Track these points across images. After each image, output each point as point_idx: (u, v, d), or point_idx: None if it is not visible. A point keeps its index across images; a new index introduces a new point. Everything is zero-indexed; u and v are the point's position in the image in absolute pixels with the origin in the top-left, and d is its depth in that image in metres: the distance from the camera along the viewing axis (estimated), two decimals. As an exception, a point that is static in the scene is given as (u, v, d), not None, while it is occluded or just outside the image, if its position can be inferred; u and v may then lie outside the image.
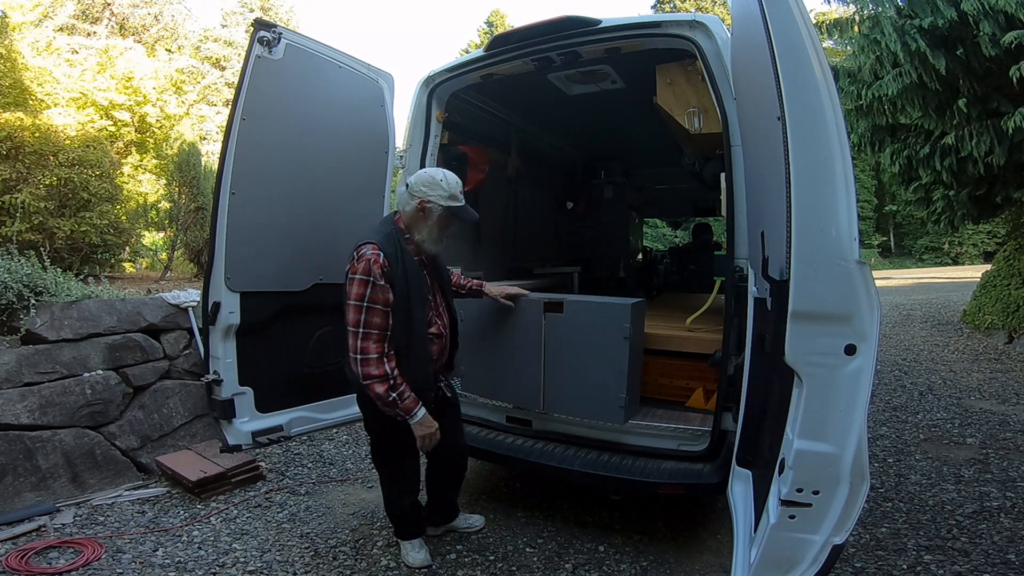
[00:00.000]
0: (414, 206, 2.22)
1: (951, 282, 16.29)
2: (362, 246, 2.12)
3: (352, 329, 2.07)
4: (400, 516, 2.50)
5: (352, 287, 2.07)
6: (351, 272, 2.09)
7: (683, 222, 9.14)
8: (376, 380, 2.07)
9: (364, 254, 2.08)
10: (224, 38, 23.32)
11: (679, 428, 2.55)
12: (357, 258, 2.09)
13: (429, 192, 2.21)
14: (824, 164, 1.34)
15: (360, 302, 2.05)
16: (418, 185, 2.23)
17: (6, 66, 7.78)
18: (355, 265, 2.08)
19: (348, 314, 2.07)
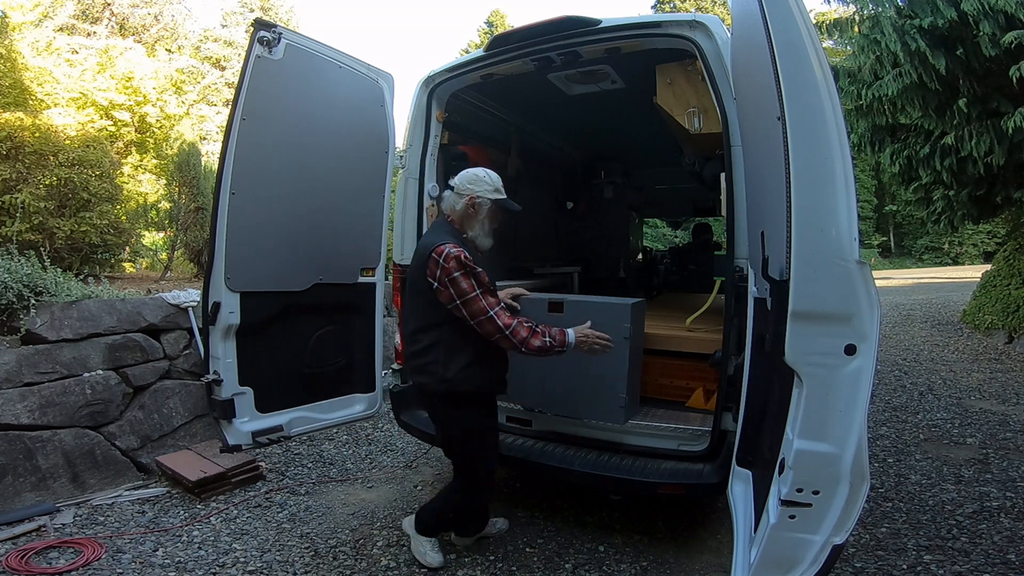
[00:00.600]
0: (464, 203, 2.33)
1: (951, 282, 16.29)
2: (440, 247, 2.16)
3: (482, 317, 2.14)
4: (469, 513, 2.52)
5: (459, 284, 2.12)
6: (444, 274, 2.12)
7: (683, 222, 9.14)
8: (531, 339, 2.17)
9: (449, 253, 2.13)
10: (224, 38, 23.33)
11: (679, 428, 2.55)
12: (443, 259, 2.13)
13: (476, 188, 2.33)
14: (824, 164, 1.34)
15: (473, 292, 2.14)
16: (464, 184, 2.34)
17: (6, 66, 7.78)
18: (446, 267, 2.12)
19: (471, 306, 2.13)
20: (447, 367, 2.23)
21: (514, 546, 2.64)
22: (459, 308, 2.15)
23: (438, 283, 2.14)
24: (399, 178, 3.25)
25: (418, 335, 2.29)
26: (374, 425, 4.40)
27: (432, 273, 2.15)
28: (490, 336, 2.17)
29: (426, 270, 2.16)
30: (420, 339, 2.28)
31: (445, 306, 2.18)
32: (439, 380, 2.23)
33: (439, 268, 2.13)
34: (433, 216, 3.29)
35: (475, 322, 2.15)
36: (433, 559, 2.48)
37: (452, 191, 2.37)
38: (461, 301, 2.14)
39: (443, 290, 2.15)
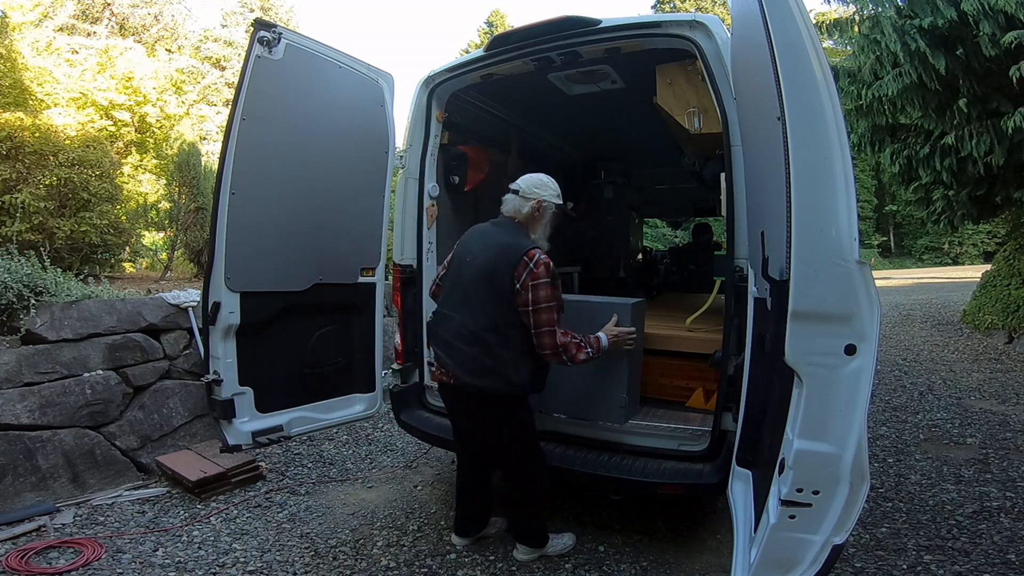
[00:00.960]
0: (531, 207, 2.38)
1: (951, 282, 16.29)
2: (532, 250, 2.20)
3: (546, 329, 2.19)
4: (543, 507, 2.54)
5: (540, 291, 2.16)
6: (531, 278, 2.16)
7: (683, 222, 9.13)
8: (580, 354, 2.24)
9: (540, 258, 2.18)
10: (224, 38, 23.33)
11: (679, 428, 2.54)
12: (534, 263, 2.17)
13: (542, 192, 2.39)
14: (824, 164, 1.34)
15: (551, 303, 2.19)
16: (531, 188, 2.39)
17: (6, 66, 7.77)
18: (535, 271, 2.16)
19: (541, 315, 2.17)
20: (517, 370, 2.24)
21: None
22: (528, 314, 2.17)
23: (521, 285, 2.16)
24: (399, 178, 3.25)
25: (485, 335, 2.23)
26: (374, 425, 4.40)
27: (517, 276, 2.16)
28: (543, 348, 2.22)
29: (514, 269, 2.17)
30: (488, 339, 2.22)
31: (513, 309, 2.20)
32: (509, 383, 2.23)
33: (527, 271, 2.16)
34: (434, 216, 3.29)
35: (537, 331, 2.19)
36: (568, 540, 2.58)
37: (516, 195, 2.40)
38: (534, 308, 2.16)
39: (523, 293, 2.17)
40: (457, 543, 2.65)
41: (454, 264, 2.45)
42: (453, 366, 2.30)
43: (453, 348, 2.30)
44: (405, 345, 3.18)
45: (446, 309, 2.39)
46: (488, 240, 2.36)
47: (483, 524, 2.69)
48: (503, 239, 2.32)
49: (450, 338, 2.32)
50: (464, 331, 2.27)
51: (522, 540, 2.52)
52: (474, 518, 2.67)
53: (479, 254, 2.32)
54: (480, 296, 2.27)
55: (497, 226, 2.43)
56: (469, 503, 2.66)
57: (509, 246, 2.26)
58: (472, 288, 2.30)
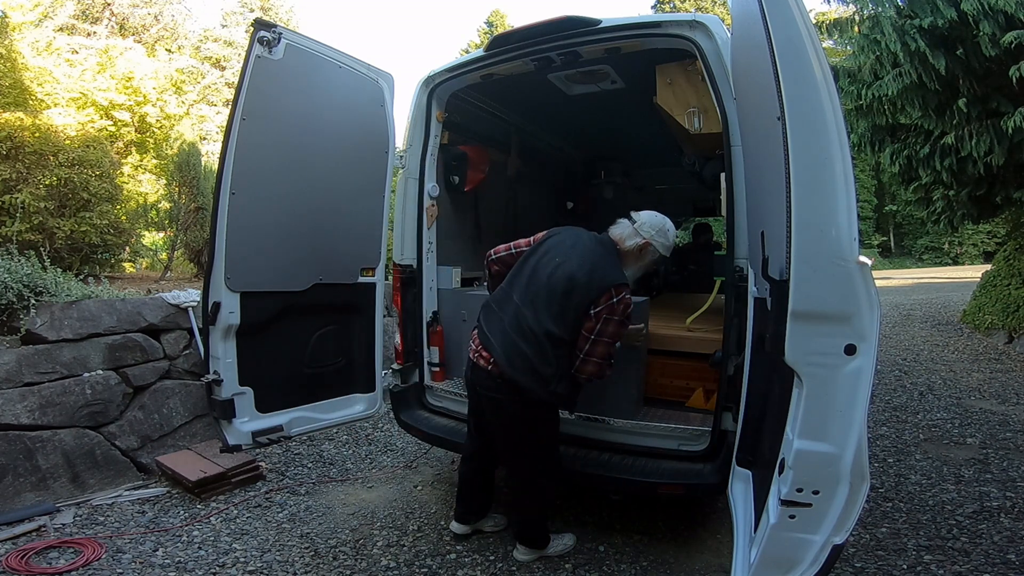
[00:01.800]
0: (638, 243, 2.36)
1: (951, 282, 16.28)
2: (621, 287, 2.18)
3: (597, 360, 2.22)
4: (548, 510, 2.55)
5: (610, 326, 2.18)
6: (609, 312, 2.16)
7: (683, 222, 9.13)
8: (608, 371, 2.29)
9: (626, 297, 2.18)
10: (224, 38, 23.32)
11: (679, 428, 2.55)
12: (618, 300, 2.16)
13: (657, 237, 2.37)
14: (824, 164, 1.34)
15: (613, 339, 2.21)
16: (649, 228, 2.37)
17: (6, 66, 7.78)
18: (615, 307, 2.16)
19: (599, 347, 2.20)
20: (559, 382, 2.24)
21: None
22: (588, 341, 2.19)
23: (596, 313, 2.16)
24: (399, 178, 3.25)
25: (543, 338, 2.21)
26: (374, 425, 4.40)
27: (597, 303, 2.16)
28: (581, 372, 2.25)
29: (598, 297, 2.16)
30: (544, 343, 2.21)
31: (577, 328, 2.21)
32: (548, 391, 2.23)
33: (607, 304, 2.15)
34: (434, 216, 3.29)
35: (586, 357, 2.21)
36: (568, 540, 2.58)
37: (632, 224, 2.39)
38: (596, 338, 2.18)
39: (592, 321, 2.17)
40: (456, 530, 2.67)
41: (538, 255, 2.38)
42: (500, 355, 2.25)
43: (508, 338, 2.26)
44: (405, 345, 3.18)
45: (514, 295, 2.33)
46: (584, 253, 2.30)
47: (483, 515, 2.71)
48: (599, 260, 2.27)
49: (507, 327, 2.28)
50: (525, 327, 2.24)
51: (523, 541, 2.52)
52: (474, 508, 2.68)
53: (569, 261, 2.27)
54: (552, 302, 2.23)
55: (598, 242, 2.38)
56: (466, 496, 2.67)
57: (602, 271, 2.22)
58: (547, 290, 2.25)
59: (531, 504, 2.48)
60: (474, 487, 2.65)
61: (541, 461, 2.41)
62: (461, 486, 2.68)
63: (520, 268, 2.40)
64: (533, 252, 2.41)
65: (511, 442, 2.44)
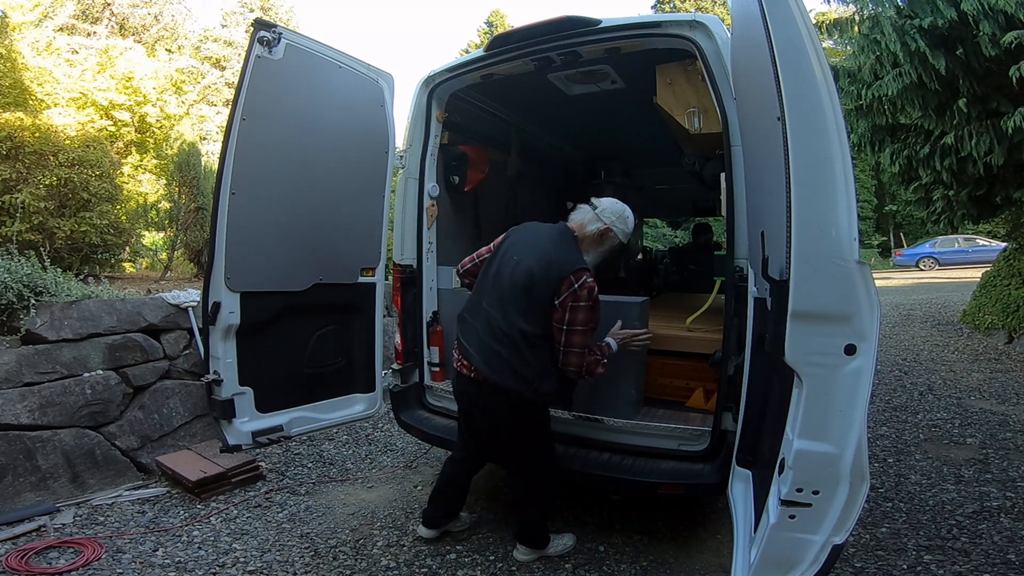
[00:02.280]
0: (598, 229, 2.35)
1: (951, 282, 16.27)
2: (581, 271, 2.17)
3: (577, 350, 2.20)
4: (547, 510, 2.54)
5: (579, 313, 2.15)
6: (573, 299, 2.14)
7: (683, 222, 9.14)
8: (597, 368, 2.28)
9: (586, 281, 2.16)
10: (224, 38, 23.32)
11: (679, 428, 2.54)
12: (580, 285, 2.14)
13: (617, 223, 2.37)
14: (824, 164, 1.34)
15: (586, 326, 2.18)
16: (610, 214, 2.37)
17: (6, 66, 7.78)
18: (579, 293, 2.14)
19: (574, 337, 2.18)
20: (543, 381, 2.23)
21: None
22: (562, 332, 2.17)
23: (560, 303, 2.15)
24: (399, 178, 3.25)
25: (517, 338, 2.21)
26: (374, 425, 4.40)
27: (559, 292, 2.15)
28: (567, 366, 2.23)
29: (558, 286, 2.15)
30: (519, 343, 2.21)
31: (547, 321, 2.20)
32: (533, 390, 2.22)
33: (570, 291, 2.14)
34: (434, 216, 3.29)
35: (565, 349, 2.19)
36: (568, 540, 2.58)
37: (592, 209, 2.38)
38: (568, 328, 2.16)
39: (560, 311, 2.16)
40: (425, 534, 2.66)
41: (499, 257, 2.38)
42: (481, 363, 2.26)
43: (483, 343, 2.27)
44: (405, 345, 3.18)
45: (483, 301, 2.34)
46: (540, 245, 2.31)
47: (452, 518, 2.71)
48: (556, 249, 2.27)
49: (481, 333, 2.29)
50: (497, 329, 2.25)
51: (523, 541, 2.52)
52: (448, 513, 2.68)
53: (526, 256, 2.28)
54: (518, 300, 2.24)
55: (554, 232, 2.39)
56: (447, 497, 2.66)
57: (558, 259, 2.22)
58: (510, 289, 2.26)
59: (533, 504, 2.48)
60: (453, 489, 2.66)
61: (538, 461, 2.42)
62: (441, 486, 2.67)
63: (484, 274, 2.42)
64: (494, 256, 2.42)
65: (506, 446, 2.45)
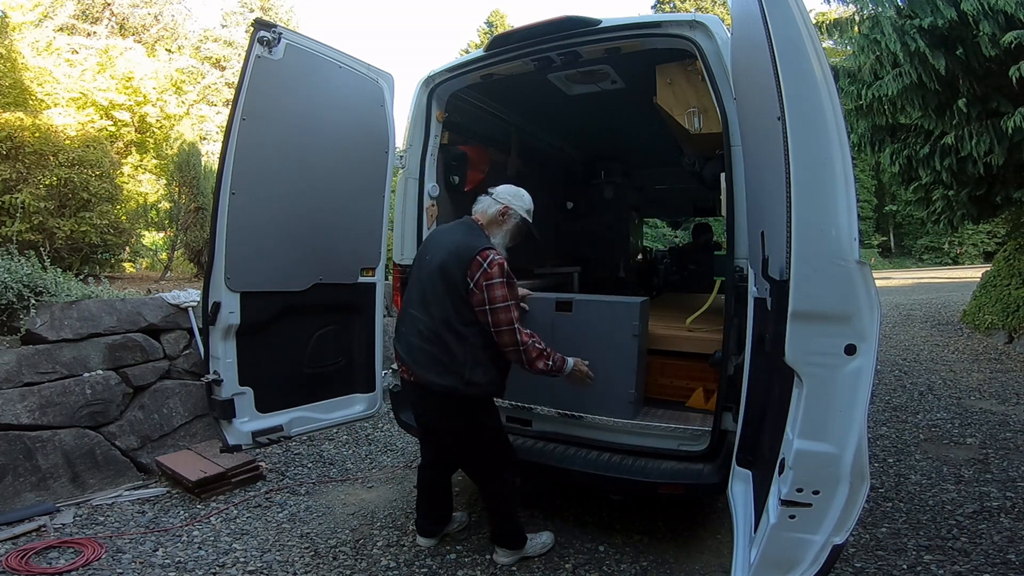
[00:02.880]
0: (497, 210, 2.43)
1: (951, 282, 16.28)
2: (486, 251, 2.22)
3: (507, 328, 2.20)
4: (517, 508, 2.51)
5: (495, 290, 2.18)
6: (485, 278, 2.17)
7: (683, 222, 9.14)
8: (539, 360, 2.27)
9: (494, 259, 2.21)
10: (224, 38, 23.32)
11: (679, 428, 2.54)
12: (487, 263, 2.18)
13: (513, 201, 2.46)
14: (824, 164, 1.34)
15: (507, 302, 2.20)
16: (504, 194, 2.47)
17: (6, 66, 7.77)
18: (489, 271, 2.18)
19: (499, 315, 2.19)
20: (474, 371, 2.23)
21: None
22: (486, 313, 2.19)
23: (474, 284, 2.18)
24: (399, 178, 3.24)
25: (441, 333, 2.24)
26: (374, 425, 4.40)
27: (471, 275, 2.18)
28: (504, 347, 2.24)
29: (468, 270, 2.19)
30: (444, 337, 2.23)
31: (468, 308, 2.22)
32: (466, 383, 2.22)
33: (481, 271, 2.18)
34: (434, 216, 3.29)
35: (496, 330, 2.20)
36: (545, 538, 2.59)
37: (489, 197, 2.47)
38: (491, 307, 2.18)
39: (477, 293, 2.18)
40: (424, 544, 2.65)
41: (417, 266, 2.46)
42: (412, 364, 2.30)
43: (413, 346, 2.31)
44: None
45: (409, 308, 2.40)
46: (447, 239, 2.38)
47: (446, 521, 2.71)
48: (459, 238, 2.34)
49: (410, 336, 2.33)
50: (423, 329, 2.28)
51: (500, 543, 2.51)
52: (437, 517, 2.68)
53: (436, 253, 2.33)
54: (436, 294, 2.28)
55: (458, 225, 2.47)
56: (430, 502, 2.67)
57: (463, 245, 2.27)
58: (429, 286, 2.31)
59: (500, 502, 2.46)
60: (432, 492, 2.66)
61: (495, 459, 2.42)
62: (420, 493, 2.68)
63: (409, 284, 2.50)
64: (414, 266, 2.50)
65: (458, 447, 2.47)
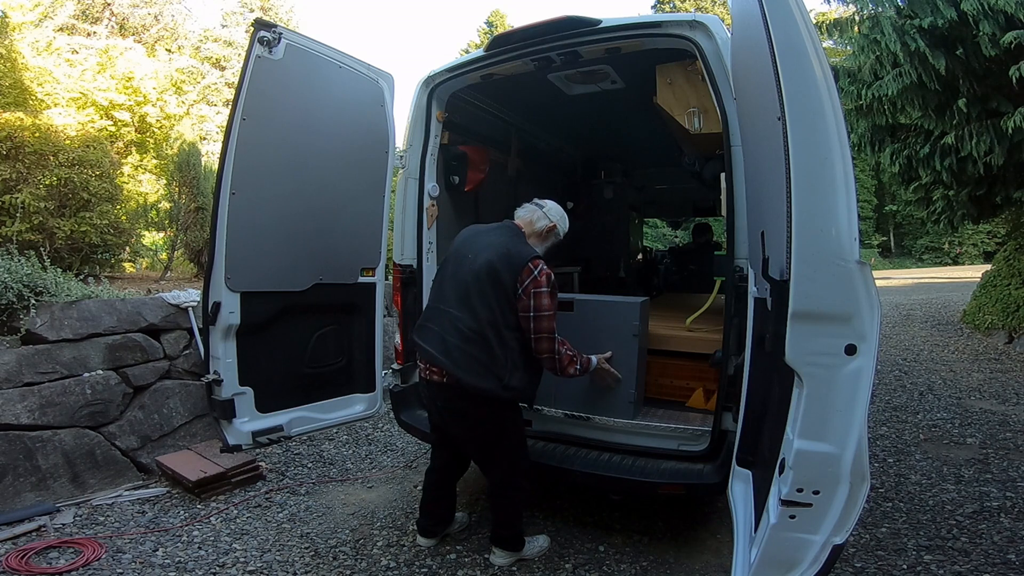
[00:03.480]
0: (546, 226, 2.48)
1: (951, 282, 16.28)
2: (537, 259, 2.28)
3: (545, 335, 2.27)
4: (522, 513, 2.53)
5: (542, 299, 2.24)
6: (534, 285, 2.23)
7: (683, 222, 9.13)
8: (570, 367, 2.35)
9: (543, 268, 2.27)
10: (224, 38, 23.29)
11: (679, 428, 2.55)
12: (538, 272, 2.24)
13: (560, 223, 2.53)
14: (824, 164, 1.34)
15: (551, 311, 2.26)
16: (555, 213, 2.53)
17: (6, 66, 7.77)
18: (539, 279, 2.23)
19: (542, 323, 2.25)
20: (513, 375, 2.25)
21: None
22: (529, 320, 2.24)
23: (523, 291, 2.23)
24: (399, 178, 3.25)
25: (486, 332, 2.23)
26: (374, 425, 4.40)
27: (522, 280, 2.23)
28: (540, 353, 2.29)
29: (519, 275, 2.23)
30: (488, 337, 2.23)
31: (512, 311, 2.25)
32: (504, 387, 2.23)
33: (531, 278, 2.22)
34: (434, 216, 3.29)
35: (536, 336, 2.25)
36: (542, 542, 2.60)
37: (540, 209, 2.50)
38: (535, 315, 2.23)
39: (524, 299, 2.23)
40: (424, 544, 2.66)
41: (452, 260, 2.43)
42: (448, 363, 2.25)
43: (449, 344, 2.26)
44: (405, 345, 3.18)
45: (442, 305, 2.36)
46: (492, 241, 2.37)
47: (448, 523, 2.72)
48: (508, 243, 2.35)
49: (446, 334, 2.28)
50: (464, 329, 2.25)
51: (500, 544, 2.50)
52: (440, 519, 2.68)
53: (481, 253, 2.32)
54: (482, 294, 2.26)
55: (502, 229, 2.46)
56: (437, 504, 2.66)
57: (515, 250, 2.30)
58: (474, 286, 2.27)
59: (510, 505, 2.47)
60: (439, 496, 2.66)
61: (515, 462, 2.43)
62: (426, 495, 2.67)
63: (441, 279, 2.47)
64: (448, 261, 2.48)
65: (482, 449, 2.47)
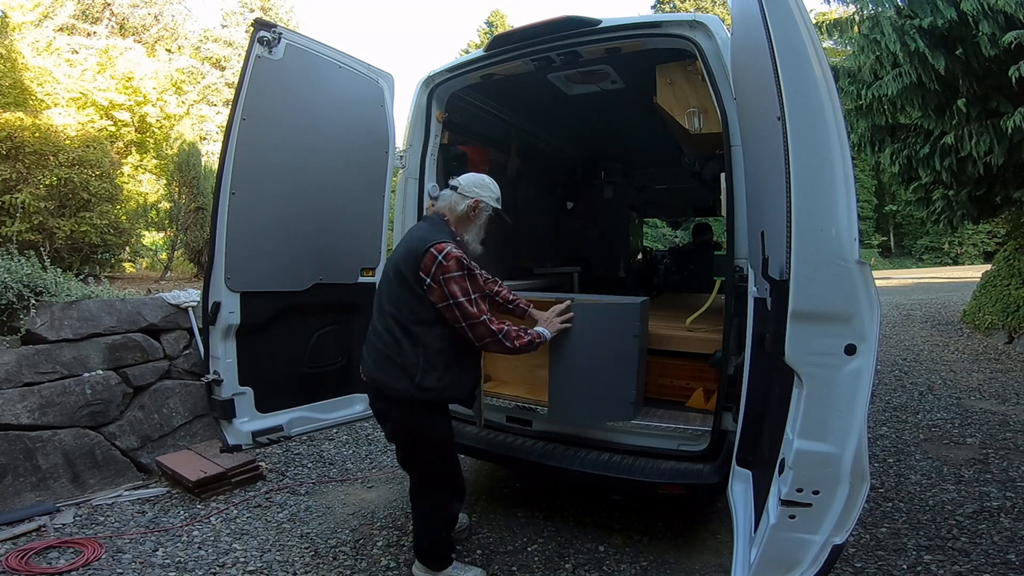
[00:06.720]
0: (467, 206, 2.28)
1: (951, 282, 16.29)
2: (441, 244, 2.06)
3: (478, 320, 2.07)
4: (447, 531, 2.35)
5: (455, 284, 2.04)
6: (441, 272, 2.03)
7: (683, 222, 9.14)
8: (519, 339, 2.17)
9: (450, 252, 2.05)
10: (224, 38, 23.30)
11: (679, 428, 2.55)
12: (443, 257, 2.03)
13: (481, 193, 2.30)
14: (824, 164, 1.34)
15: (470, 295, 2.07)
16: (471, 186, 2.30)
17: (6, 66, 7.79)
18: (445, 264, 2.03)
19: (465, 309, 2.05)
20: (427, 373, 2.08)
21: (514, 546, 2.64)
22: (451, 308, 2.05)
23: (432, 280, 2.04)
24: (399, 178, 3.25)
25: (395, 332, 2.12)
26: (374, 425, 4.39)
27: (427, 270, 2.04)
28: (481, 339, 2.10)
29: (420, 265, 2.05)
30: (397, 337, 2.11)
31: (434, 306, 2.08)
32: (417, 387, 2.08)
33: (436, 265, 2.03)
34: (433, 216, 3.28)
35: (467, 324, 2.06)
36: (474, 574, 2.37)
37: (454, 191, 2.30)
38: (455, 302, 2.04)
39: (436, 288, 2.05)
40: None
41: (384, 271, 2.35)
42: (367, 363, 2.21)
43: (370, 345, 2.23)
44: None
45: (374, 315, 2.29)
46: (407, 238, 2.28)
47: None
48: (417, 233, 2.22)
49: (371, 337, 2.24)
50: (379, 328, 2.19)
51: (418, 556, 2.35)
52: None
53: (394, 255, 2.24)
54: (389, 293, 2.18)
55: (423, 223, 2.33)
56: None
57: (420, 240, 2.13)
58: (384, 286, 2.22)
59: (424, 518, 2.31)
60: None
61: (432, 470, 2.27)
62: None
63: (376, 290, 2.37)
64: None
65: (402, 450, 2.34)
